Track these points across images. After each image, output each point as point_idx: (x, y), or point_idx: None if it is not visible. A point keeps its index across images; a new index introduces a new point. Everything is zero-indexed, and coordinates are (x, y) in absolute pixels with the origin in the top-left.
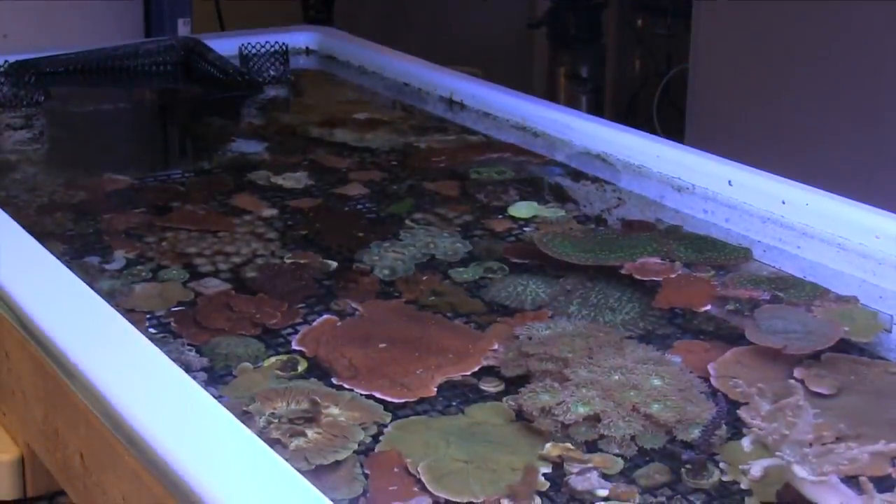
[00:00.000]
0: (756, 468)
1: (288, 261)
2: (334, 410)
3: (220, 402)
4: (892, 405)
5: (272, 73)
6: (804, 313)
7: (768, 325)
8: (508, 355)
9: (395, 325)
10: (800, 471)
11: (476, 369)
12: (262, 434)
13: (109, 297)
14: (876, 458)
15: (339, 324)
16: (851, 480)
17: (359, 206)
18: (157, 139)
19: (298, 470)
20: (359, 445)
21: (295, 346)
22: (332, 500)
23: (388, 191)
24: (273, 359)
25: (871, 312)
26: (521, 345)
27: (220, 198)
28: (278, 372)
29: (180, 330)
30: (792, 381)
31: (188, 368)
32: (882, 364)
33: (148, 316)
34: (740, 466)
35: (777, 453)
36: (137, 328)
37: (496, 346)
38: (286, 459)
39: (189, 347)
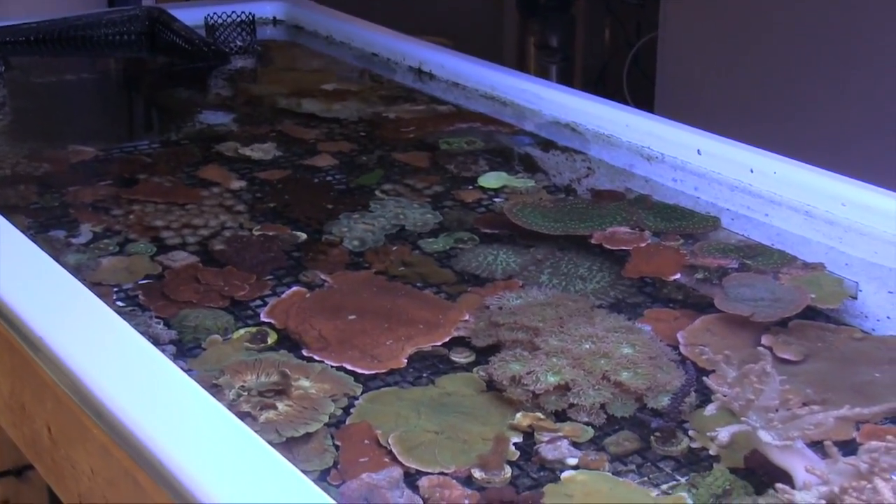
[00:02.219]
0: (723, 434)
1: (256, 233)
2: (305, 383)
3: (189, 375)
4: (857, 371)
5: (239, 43)
6: (772, 281)
7: (736, 293)
8: (479, 325)
9: (364, 297)
10: (766, 436)
11: (447, 340)
12: (232, 407)
13: (76, 271)
14: (841, 423)
15: (308, 295)
16: (817, 445)
17: (328, 178)
18: (122, 110)
19: (269, 442)
20: (329, 417)
21: (264, 318)
22: (303, 472)
23: (357, 162)
24: (242, 331)
25: (838, 279)
26: (491, 315)
27: (188, 170)
28: (248, 344)
29: (148, 303)
30: (759, 347)
31: (156, 342)
32: (848, 330)
33: (115, 289)
34: (708, 433)
35: (743, 419)
36: (104, 302)
37: (467, 317)
38: (256, 432)
39: (157, 320)
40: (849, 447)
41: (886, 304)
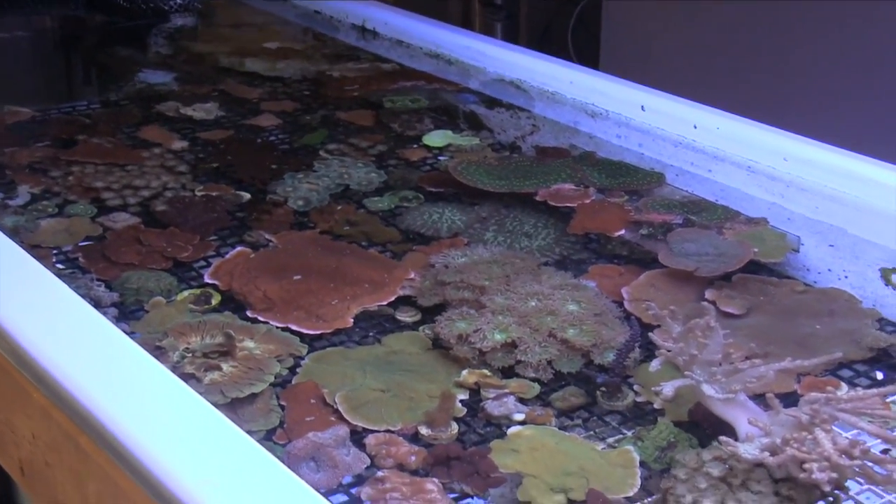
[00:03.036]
0: (667, 388)
1: (199, 193)
2: (249, 343)
3: (132, 337)
4: (799, 324)
5: (179, 0)
6: (715, 236)
7: (681, 249)
8: (425, 284)
9: (310, 256)
10: (709, 390)
11: (392, 299)
12: (176, 369)
13: (13, 233)
14: (782, 376)
15: (252, 256)
16: (759, 398)
17: (271, 138)
18: (59, 69)
19: (214, 404)
20: (275, 378)
21: (208, 280)
22: (249, 433)
23: (300, 121)
24: (186, 293)
25: (780, 233)
26: (437, 273)
27: (128, 130)
28: (191, 306)
29: (89, 265)
30: (703, 302)
31: (98, 304)
32: (790, 283)
33: (55, 252)
34: (653, 388)
35: (687, 373)
36: (44, 264)
37: (412, 275)
38: (201, 394)
39: (98, 283)
40: (790, 399)
41: (827, 257)
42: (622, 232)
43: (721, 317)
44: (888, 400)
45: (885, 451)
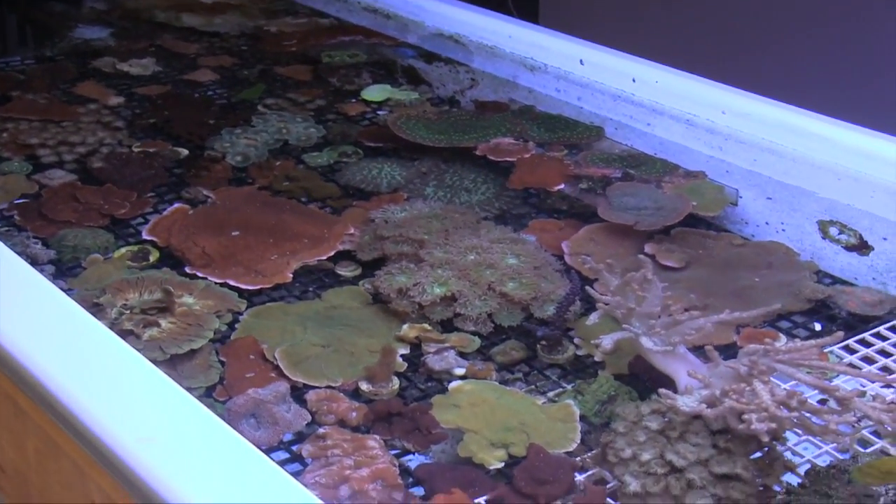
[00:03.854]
0: (607, 341)
1: (136, 150)
2: (188, 299)
3: (69, 294)
4: (737, 276)
5: None
6: (654, 189)
7: (620, 202)
8: (364, 239)
9: (248, 212)
10: (648, 342)
11: (332, 254)
12: (115, 326)
13: None
14: (721, 328)
15: (191, 212)
16: (698, 350)
17: (209, 93)
18: None
19: (153, 360)
20: (214, 333)
21: (146, 236)
22: (188, 390)
23: (238, 76)
24: (123, 249)
25: (718, 186)
26: (376, 228)
27: (64, 86)
28: (129, 262)
29: (25, 223)
30: (642, 255)
31: (34, 262)
32: (728, 237)
33: None
34: (593, 341)
35: (627, 326)
36: None
37: (352, 230)
38: (139, 350)
39: (35, 240)
40: (729, 351)
41: (765, 209)
42: (562, 186)
43: (660, 270)
44: (826, 351)
45: (822, 402)
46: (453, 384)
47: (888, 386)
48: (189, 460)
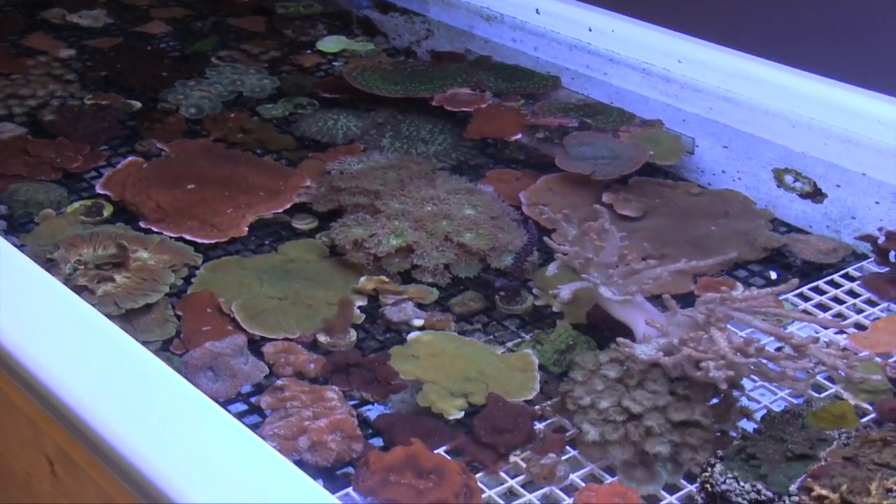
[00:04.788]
0: (565, 291)
1: (88, 102)
2: (143, 254)
3: (21, 250)
4: (694, 225)
5: None
6: (611, 139)
7: (577, 152)
8: (320, 191)
9: (203, 165)
10: (606, 292)
11: (288, 206)
12: (69, 281)
13: None
14: (678, 277)
15: (144, 165)
16: (656, 298)
17: (162, 45)
18: None
19: (108, 315)
20: (170, 288)
21: (99, 190)
22: (144, 344)
23: (191, 28)
24: (77, 204)
25: (675, 135)
26: (332, 180)
27: (12, 38)
28: (83, 217)
29: None
30: (599, 205)
31: None
32: (685, 185)
33: None
34: (551, 291)
35: (585, 276)
36: None
37: (308, 182)
38: (94, 305)
39: None
40: (686, 299)
41: (721, 158)
42: (519, 136)
43: (618, 220)
44: (781, 298)
45: (778, 349)
46: (412, 335)
47: (841, 332)
48: (145, 414)
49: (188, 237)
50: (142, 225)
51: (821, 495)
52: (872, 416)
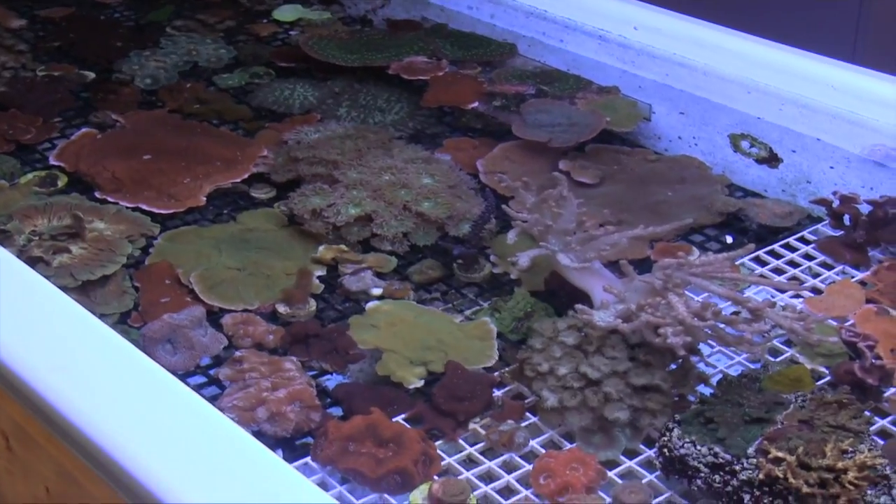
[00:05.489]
0: (523, 259)
1: (41, 73)
2: (99, 225)
3: None
4: (650, 191)
5: None
6: (568, 106)
7: (534, 120)
8: (278, 161)
9: (159, 136)
10: (564, 259)
11: (246, 176)
12: (23, 252)
13: None
14: (635, 242)
15: (99, 136)
16: (613, 265)
17: (115, 15)
18: None
19: (64, 287)
20: (127, 259)
21: (53, 162)
22: (101, 317)
23: None
24: (30, 175)
25: (632, 102)
26: (290, 149)
27: None
28: (37, 188)
29: None
30: (557, 172)
31: None
32: (642, 152)
33: None
34: (509, 258)
35: (543, 243)
36: None
37: (265, 152)
38: (49, 278)
39: None
40: (644, 265)
41: (678, 124)
42: (476, 104)
43: (575, 187)
44: (737, 263)
45: (734, 314)
46: (371, 304)
47: (797, 296)
48: (102, 389)
49: (145, 207)
50: (97, 196)
51: (777, 457)
52: (828, 379)
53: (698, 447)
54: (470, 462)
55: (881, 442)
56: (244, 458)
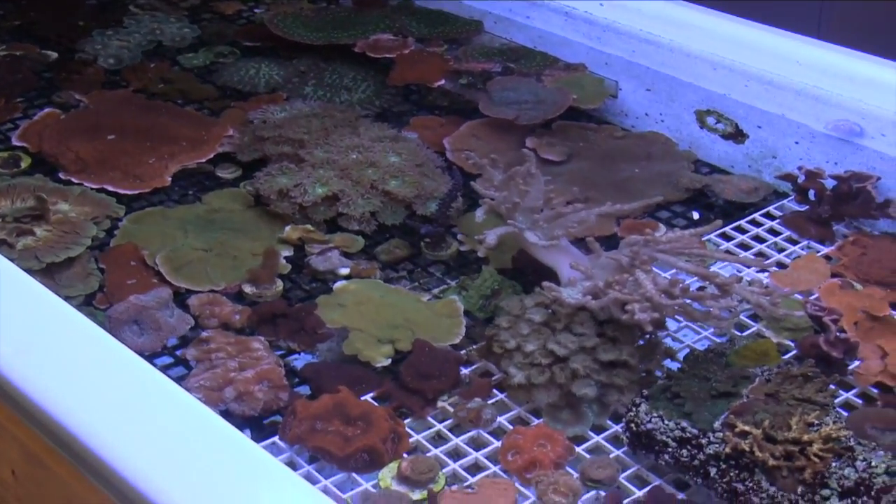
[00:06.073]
0: (491, 237)
1: (1, 53)
2: (64, 206)
3: None
4: (617, 168)
5: None
6: (535, 83)
7: (501, 97)
8: (244, 140)
9: (124, 116)
10: (532, 236)
11: (211, 156)
12: None
13: None
14: (603, 219)
15: (63, 117)
16: (581, 242)
17: None
18: None
19: (28, 270)
20: (92, 241)
21: (15, 142)
22: (67, 299)
23: None
24: None
25: (599, 79)
26: (256, 129)
27: None
28: None
29: None
30: (524, 150)
31: None
32: (609, 129)
33: None
34: (476, 236)
35: (510, 221)
36: None
37: (231, 132)
38: (13, 260)
39: None
40: (611, 242)
41: (644, 101)
42: (442, 82)
43: (542, 164)
44: (704, 239)
45: (701, 289)
46: (338, 284)
47: (763, 270)
48: (69, 370)
49: (110, 188)
50: (61, 176)
51: (744, 431)
52: (794, 352)
53: (665, 422)
54: (439, 439)
55: (846, 414)
56: (211, 438)
